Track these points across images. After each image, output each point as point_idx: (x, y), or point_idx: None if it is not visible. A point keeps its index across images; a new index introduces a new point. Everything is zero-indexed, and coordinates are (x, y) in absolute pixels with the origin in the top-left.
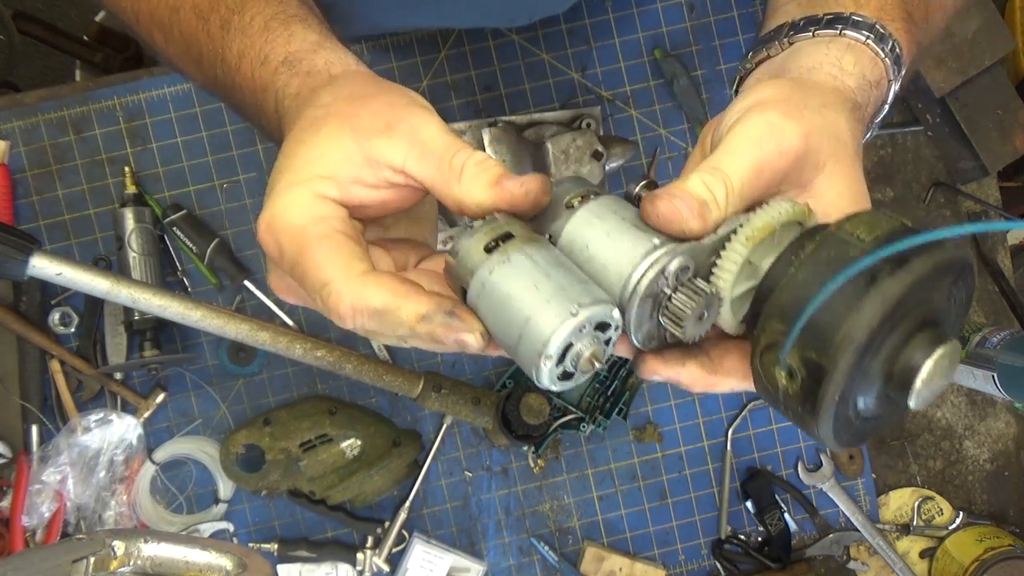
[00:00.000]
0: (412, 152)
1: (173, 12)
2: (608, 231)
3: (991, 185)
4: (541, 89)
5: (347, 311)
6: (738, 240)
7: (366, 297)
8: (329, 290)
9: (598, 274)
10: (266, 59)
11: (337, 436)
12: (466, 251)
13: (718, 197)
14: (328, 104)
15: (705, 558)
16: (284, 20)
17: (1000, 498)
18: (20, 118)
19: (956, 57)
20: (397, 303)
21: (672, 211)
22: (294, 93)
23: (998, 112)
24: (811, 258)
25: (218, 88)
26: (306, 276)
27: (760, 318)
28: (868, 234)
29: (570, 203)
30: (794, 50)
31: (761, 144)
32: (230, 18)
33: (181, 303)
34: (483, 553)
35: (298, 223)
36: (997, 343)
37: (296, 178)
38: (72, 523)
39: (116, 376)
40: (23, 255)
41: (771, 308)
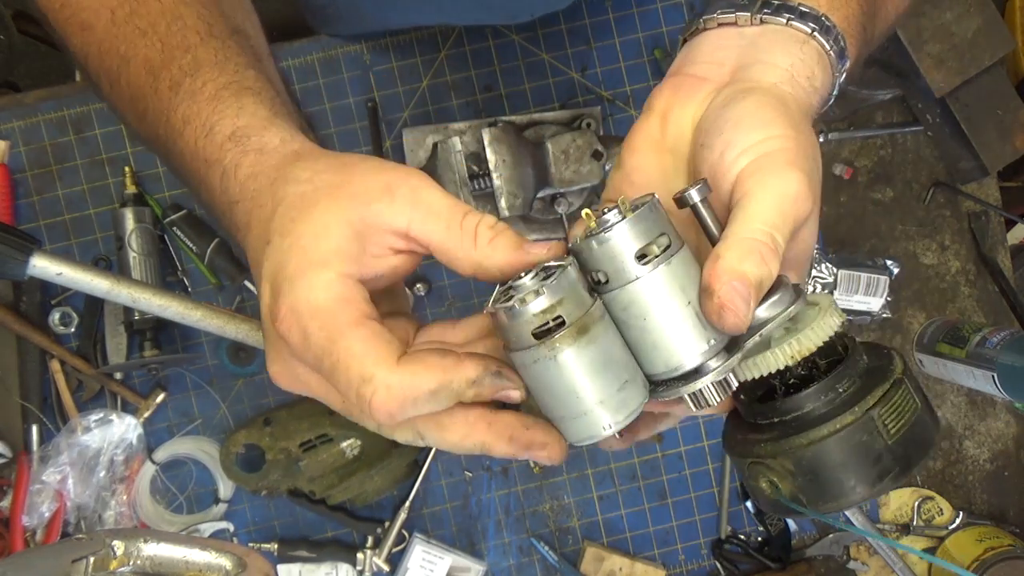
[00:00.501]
0: (416, 215)
1: (123, 63)
2: (671, 314)
3: (991, 185)
4: (541, 89)
5: (396, 405)
6: (784, 355)
7: (418, 384)
8: (374, 386)
9: (646, 350)
10: (211, 130)
11: (337, 436)
12: (514, 328)
13: (772, 270)
14: (309, 178)
15: (705, 558)
16: (236, 91)
17: (1000, 498)
18: (20, 118)
19: (956, 57)
20: (449, 378)
21: (733, 321)
22: (249, 173)
23: (998, 112)
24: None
25: (159, 146)
26: (339, 369)
27: (774, 441)
28: (895, 425)
29: (643, 254)
30: (767, 39)
31: (797, 209)
32: (181, 80)
33: (181, 303)
34: (483, 553)
35: (326, 308)
36: (997, 343)
37: (310, 259)
38: (72, 523)
39: (116, 376)
40: (23, 255)
41: (792, 448)
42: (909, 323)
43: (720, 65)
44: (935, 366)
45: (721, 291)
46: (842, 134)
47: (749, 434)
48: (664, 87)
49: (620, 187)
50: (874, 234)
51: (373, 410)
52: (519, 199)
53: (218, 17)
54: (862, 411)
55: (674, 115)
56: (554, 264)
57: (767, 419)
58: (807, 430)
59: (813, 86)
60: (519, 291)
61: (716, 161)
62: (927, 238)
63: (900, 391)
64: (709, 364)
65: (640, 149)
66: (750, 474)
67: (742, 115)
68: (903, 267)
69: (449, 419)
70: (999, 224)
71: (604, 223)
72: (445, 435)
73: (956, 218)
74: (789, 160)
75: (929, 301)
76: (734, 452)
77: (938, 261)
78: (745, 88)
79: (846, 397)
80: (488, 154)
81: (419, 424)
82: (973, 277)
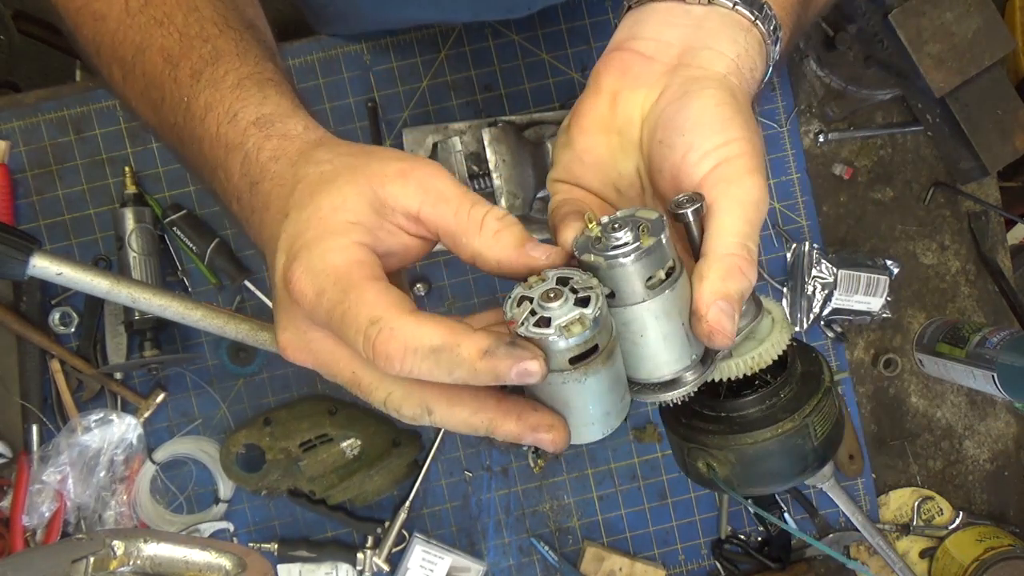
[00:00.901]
0: (427, 199)
1: (138, 52)
2: (666, 335)
3: (991, 185)
4: (541, 89)
5: (398, 349)
6: (744, 365)
7: (422, 335)
8: (379, 326)
9: (638, 360)
10: (235, 116)
11: (337, 436)
12: (551, 350)
13: (751, 278)
14: (330, 159)
15: (705, 558)
16: (259, 82)
17: (1000, 498)
18: (20, 118)
19: (956, 57)
20: (456, 339)
21: (721, 342)
22: (271, 156)
23: (998, 112)
24: (782, 439)
25: (173, 135)
26: (349, 315)
27: (721, 435)
28: (822, 429)
29: (652, 280)
30: (713, 23)
31: (761, 213)
32: (202, 68)
33: (181, 303)
34: (483, 553)
35: (343, 267)
36: (997, 343)
37: (328, 226)
38: (72, 523)
39: (116, 376)
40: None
41: (737, 444)
42: (909, 323)
43: (668, 45)
44: (935, 366)
45: (709, 316)
46: (842, 134)
47: (694, 421)
48: (611, 63)
49: (570, 166)
50: (874, 234)
51: (375, 352)
52: (519, 199)
53: (232, 10)
54: (800, 418)
55: (623, 97)
56: (580, 284)
57: (715, 412)
58: (752, 431)
59: (754, 77)
60: (546, 311)
61: (678, 162)
62: (927, 238)
63: (829, 399)
64: (686, 376)
65: (589, 130)
66: (689, 455)
67: (701, 115)
68: (903, 267)
69: (459, 394)
70: (999, 224)
71: (615, 241)
72: (454, 409)
73: (956, 218)
74: (748, 167)
75: (929, 301)
76: (677, 433)
77: (938, 261)
78: (697, 78)
79: (785, 403)
80: (488, 154)
81: (428, 396)
82: (973, 277)
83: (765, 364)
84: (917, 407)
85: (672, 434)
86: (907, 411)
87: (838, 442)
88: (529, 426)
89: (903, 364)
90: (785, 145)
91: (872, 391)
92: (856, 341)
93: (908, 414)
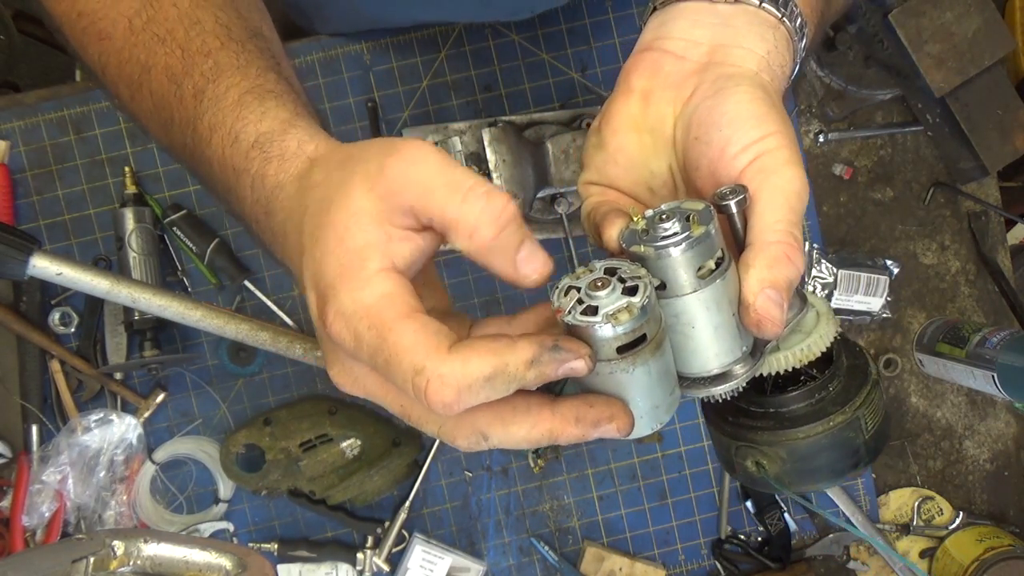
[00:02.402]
0: (410, 195)
1: (144, 71)
2: (716, 325)
3: (991, 185)
4: (541, 89)
5: (452, 395)
6: (794, 358)
7: (472, 370)
8: (426, 376)
9: (688, 354)
10: (237, 139)
11: (337, 436)
12: (596, 342)
13: (799, 266)
14: (323, 181)
15: (705, 558)
16: (259, 95)
17: (1000, 498)
18: (20, 118)
19: (956, 57)
20: (504, 361)
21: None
22: (274, 183)
23: (998, 112)
24: (833, 432)
25: (185, 154)
26: (392, 365)
27: (770, 431)
28: (872, 422)
29: (701, 271)
30: (741, 20)
31: (803, 203)
32: (204, 86)
33: (181, 303)
34: (483, 553)
35: (373, 306)
36: (997, 343)
37: (343, 262)
38: (72, 523)
39: (116, 376)
40: (23, 255)
41: (788, 439)
42: (909, 323)
43: (697, 44)
44: (935, 366)
45: (758, 304)
46: (842, 134)
47: (741, 419)
48: (641, 63)
49: (604, 168)
50: (874, 234)
51: (430, 402)
52: (519, 199)
53: (235, 20)
54: (851, 411)
55: (655, 96)
56: (628, 274)
57: (762, 408)
58: (803, 425)
59: (784, 73)
60: (593, 299)
61: (716, 157)
62: (927, 238)
63: (877, 392)
64: (736, 369)
65: (621, 129)
66: (738, 454)
67: (737, 110)
68: (903, 267)
69: (512, 414)
70: (999, 224)
71: (664, 232)
72: (510, 430)
73: (956, 218)
74: (788, 158)
75: (929, 301)
76: (724, 432)
77: (938, 261)
78: (730, 75)
79: (834, 396)
80: (488, 154)
81: (481, 423)
82: (973, 277)
83: (814, 356)
84: (917, 407)
85: (718, 433)
86: (907, 411)
87: (887, 436)
88: (590, 424)
89: (903, 364)
90: None
91: None
92: (856, 341)
93: (908, 414)
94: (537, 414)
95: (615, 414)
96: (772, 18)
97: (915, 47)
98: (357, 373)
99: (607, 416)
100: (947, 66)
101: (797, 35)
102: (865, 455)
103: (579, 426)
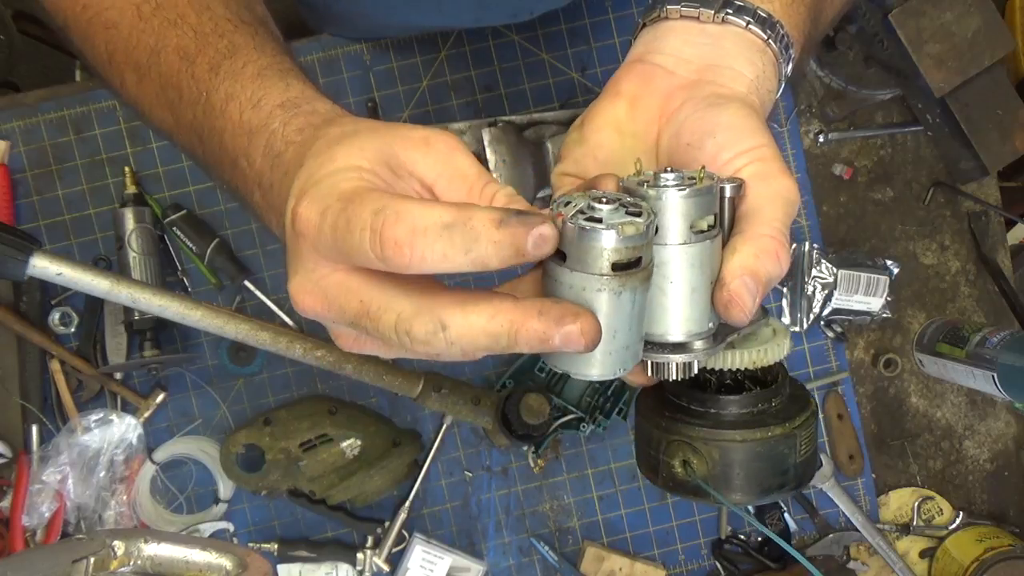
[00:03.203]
0: (445, 171)
1: (153, 54)
2: (694, 288)
3: (991, 185)
4: (541, 89)
5: (406, 232)
6: (747, 358)
7: (430, 214)
8: (384, 213)
9: (659, 310)
10: (259, 102)
11: (337, 436)
12: (591, 250)
13: (784, 267)
14: (354, 122)
15: (705, 558)
16: (279, 71)
17: (1000, 498)
18: (20, 118)
19: (956, 57)
20: (467, 213)
21: (737, 315)
22: (297, 128)
23: (998, 112)
24: (770, 443)
25: (191, 132)
26: (352, 218)
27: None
28: (806, 448)
29: (697, 226)
30: (730, 42)
31: (794, 213)
32: (220, 62)
33: (181, 303)
34: (483, 553)
35: (348, 188)
36: (997, 343)
37: (338, 166)
38: (72, 523)
39: (116, 376)
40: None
41: (724, 440)
42: (909, 323)
43: (687, 62)
44: (935, 366)
45: (733, 285)
46: (842, 134)
47: (678, 415)
48: (631, 73)
49: (583, 160)
50: (874, 234)
51: (383, 239)
52: None
53: (244, 8)
54: (790, 427)
55: (643, 102)
56: (631, 202)
57: (703, 407)
58: (742, 429)
59: (771, 99)
60: (596, 212)
61: (709, 160)
62: (927, 238)
63: (815, 422)
64: (696, 344)
65: (605, 128)
66: (667, 451)
67: (732, 121)
68: (903, 267)
69: (473, 299)
70: (999, 224)
71: (666, 180)
72: (470, 318)
73: (956, 218)
74: (782, 169)
75: (929, 301)
76: (657, 427)
77: (938, 261)
78: (720, 94)
79: (775, 411)
80: (488, 154)
81: (439, 306)
82: (973, 277)
83: (768, 363)
84: (917, 407)
85: (650, 427)
86: (907, 411)
87: (812, 472)
88: (554, 319)
89: (903, 364)
90: (785, 145)
91: (872, 391)
92: (856, 341)
93: (908, 414)
94: (499, 303)
95: (581, 314)
96: (759, 41)
97: (915, 47)
98: (318, 275)
99: (572, 313)
100: (947, 66)
101: (783, 57)
102: (792, 478)
103: (541, 320)
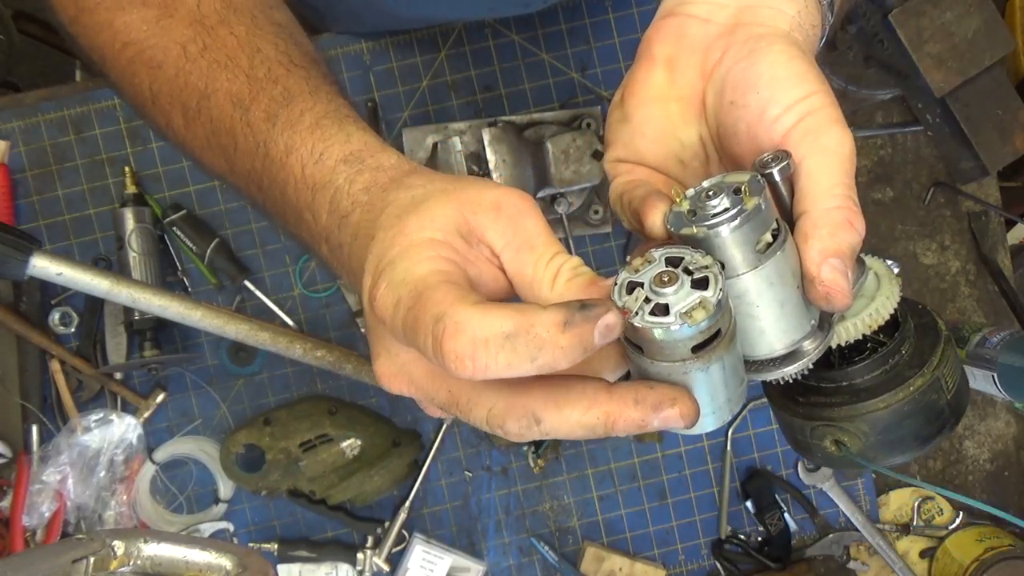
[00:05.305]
0: (513, 240)
1: (203, 97)
2: (782, 301)
3: (991, 185)
4: (541, 89)
5: (466, 345)
6: (862, 325)
7: (488, 324)
8: (444, 323)
9: (755, 336)
10: (321, 156)
11: (337, 436)
12: (668, 344)
13: (861, 231)
14: (423, 184)
15: (705, 558)
16: (337, 119)
17: (1000, 498)
18: (20, 118)
19: (956, 57)
20: (528, 320)
21: (841, 302)
22: (364, 187)
23: (998, 112)
24: (915, 397)
25: (250, 181)
26: (419, 320)
27: (847, 405)
28: (951, 380)
29: (761, 243)
30: None
31: (854, 165)
32: (277, 111)
33: (181, 303)
34: (483, 553)
35: (422, 275)
36: (997, 343)
37: (412, 241)
38: (72, 523)
39: (116, 376)
40: (23, 255)
41: (868, 411)
42: None
43: (722, 6)
44: None
45: (823, 275)
46: None
47: (812, 397)
48: (663, 30)
49: (631, 143)
50: (874, 234)
51: (444, 353)
52: None
53: (294, 47)
54: (930, 372)
55: (681, 63)
56: (694, 264)
57: (834, 383)
58: (882, 394)
59: (816, 35)
60: (661, 297)
61: (755, 121)
62: (927, 238)
63: (951, 349)
64: (805, 346)
65: (646, 100)
66: (814, 434)
67: (775, 71)
68: (903, 267)
69: (566, 394)
70: (999, 224)
71: (713, 209)
72: (564, 412)
73: (956, 218)
74: (834, 117)
75: (929, 301)
76: (796, 414)
77: (938, 261)
78: (761, 35)
79: (908, 359)
80: (488, 154)
81: (532, 402)
82: (973, 277)
83: (883, 321)
84: None
85: (789, 416)
86: None
87: (968, 393)
88: (651, 406)
89: None
90: None
91: None
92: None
93: None
94: (593, 395)
95: (678, 397)
96: None
97: (915, 47)
98: (403, 360)
99: (669, 399)
100: (947, 66)
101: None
102: (950, 416)
103: (638, 408)
